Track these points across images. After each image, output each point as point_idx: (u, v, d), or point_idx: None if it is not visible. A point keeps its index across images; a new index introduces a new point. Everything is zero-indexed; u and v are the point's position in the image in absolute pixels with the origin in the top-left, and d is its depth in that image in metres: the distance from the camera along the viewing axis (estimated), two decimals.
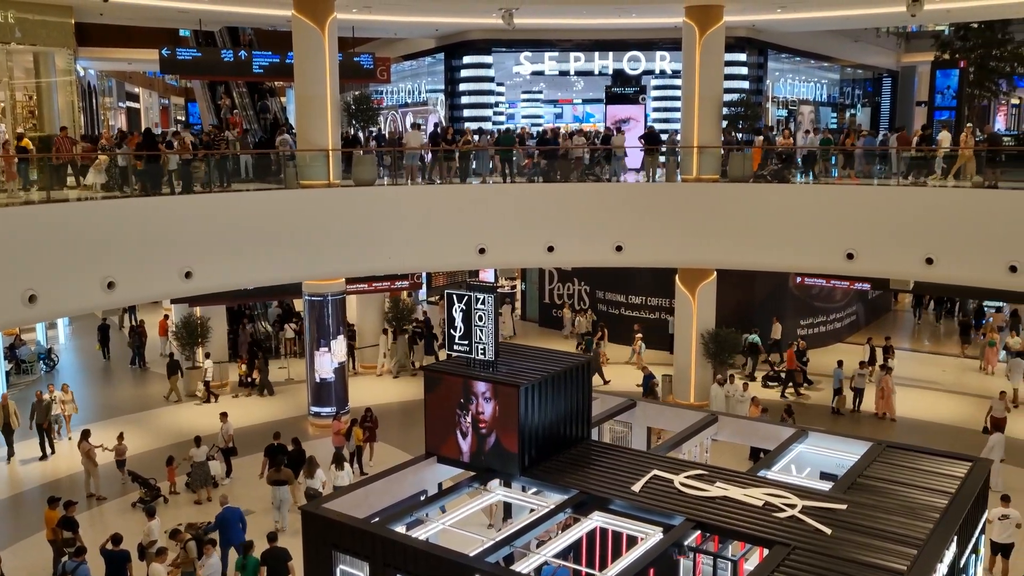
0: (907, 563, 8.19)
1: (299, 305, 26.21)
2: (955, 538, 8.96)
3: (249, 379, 24.83)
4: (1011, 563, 14.11)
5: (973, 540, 9.93)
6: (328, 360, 21.54)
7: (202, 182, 19.87)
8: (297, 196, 19.95)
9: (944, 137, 21.27)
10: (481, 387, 10.50)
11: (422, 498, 10.70)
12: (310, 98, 20.54)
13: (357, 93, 23.24)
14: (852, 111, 44.67)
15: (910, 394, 22.95)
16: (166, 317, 28.41)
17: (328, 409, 21.36)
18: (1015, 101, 51.46)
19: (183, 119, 54.18)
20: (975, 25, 36.46)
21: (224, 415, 19.21)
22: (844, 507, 9.35)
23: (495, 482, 10.82)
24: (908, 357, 27.11)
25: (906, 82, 47.07)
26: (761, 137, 22.73)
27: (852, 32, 38.05)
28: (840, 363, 22.65)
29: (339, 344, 21.83)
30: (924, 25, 40.85)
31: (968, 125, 22.43)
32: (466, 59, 33.97)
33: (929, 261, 18.81)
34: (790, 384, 23.60)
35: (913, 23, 36.73)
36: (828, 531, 8.83)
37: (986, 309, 30.73)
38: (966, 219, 18.63)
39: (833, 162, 22.37)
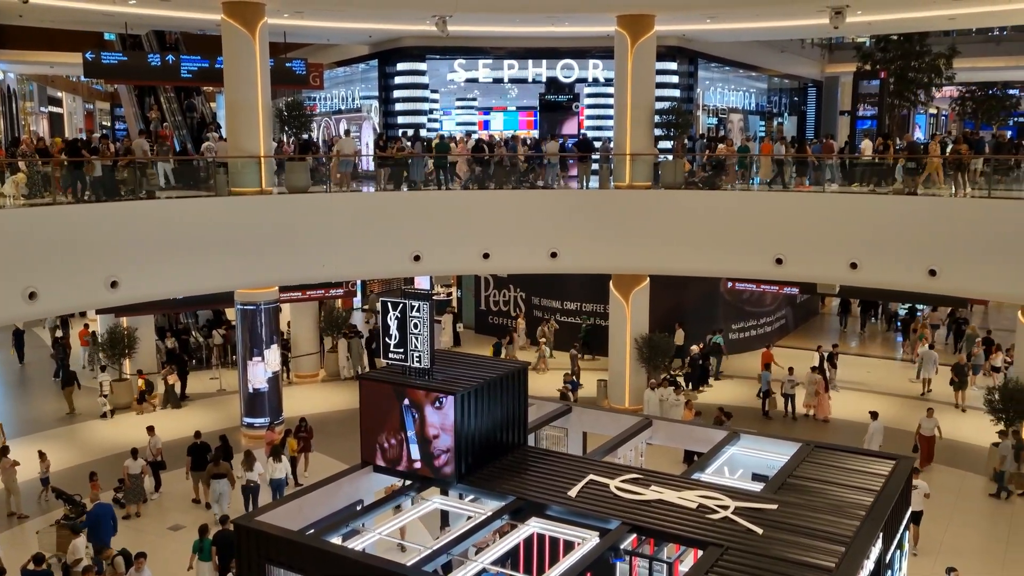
0: (835, 560, 8.40)
1: (231, 313, 25.76)
2: (881, 534, 9.21)
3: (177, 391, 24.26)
4: (921, 529, 15.36)
5: (898, 536, 10.23)
6: (261, 370, 21.20)
7: (129, 189, 19.39)
8: (228, 203, 19.61)
9: (866, 146, 21.95)
10: (417, 395, 10.44)
11: (358, 508, 10.59)
12: (241, 104, 20.23)
13: (289, 99, 22.97)
14: (779, 119, 45.77)
15: (840, 395, 23.58)
16: (86, 327, 27.65)
17: (261, 420, 21.02)
18: (932, 111, 53.37)
19: (108, 124, 52.81)
20: (895, 37, 37.72)
21: (151, 429, 18.74)
22: (775, 507, 9.54)
23: (432, 490, 10.77)
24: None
25: (830, 91, 48.39)
26: (722, 145, 23.20)
27: (779, 43, 39.02)
28: (767, 366, 23.11)
29: (273, 353, 21.50)
30: (847, 37, 42.10)
31: (937, 135, 23.15)
32: (400, 66, 33.83)
33: (854, 266, 19.41)
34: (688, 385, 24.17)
35: (836, 35, 37.80)
36: (760, 531, 9.00)
37: (918, 311, 31.90)
38: (888, 225, 19.26)
39: (754, 170, 22.94)
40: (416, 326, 10.67)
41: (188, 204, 19.46)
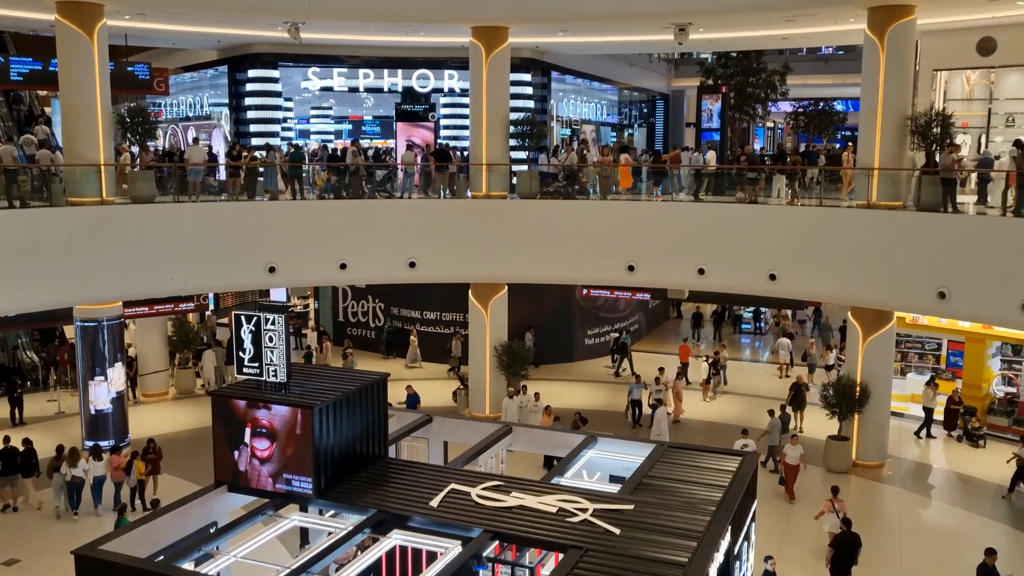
0: (688, 555, 8.74)
1: (70, 331, 24.30)
2: (729, 528, 9.65)
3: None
4: (821, 508, 16.17)
5: (745, 528, 10.75)
6: (105, 389, 20.09)
7: None
8: (64, 214, 18.51)
9: (711, 157, 23.01)
10: (273, 410, 10.18)
11: (212, 530, 10.20)
12: (78, 109, 19.17)
13: (132, 105, 21.90)
14: (630, 131, 47.37)
15: (693, 396, 24.55)
16: None
17: (106, 443, 19.90)
18: (770, 124, 56.53)
19: None
20: (734, 54, 39.77)
21: None
22: (631, 507, 9.84)
23: (291, 507, 10.51)
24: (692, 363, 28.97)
25: (676, 104, 50.47)
26: (625, 155, 23.72)
27: (628, 57, 40.43)
28: (638, 377, 23.46)
29: (117, 372, 20.42)
30: (696, 53, 44.05)
31: (849, 144, 24.29)
32: (251, 72, 32.93)
33: (701, 271, 20.31)
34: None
35: (681, 50, 39.50)
36: (617, 531, 9.26)
37: (762, 313, 33.72)
38: (732, 232, 20.27)
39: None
40: (271, 339, 10.40)
41: (18, 215, 18.18)
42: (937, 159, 18.60)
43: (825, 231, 19.41)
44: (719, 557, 9.19)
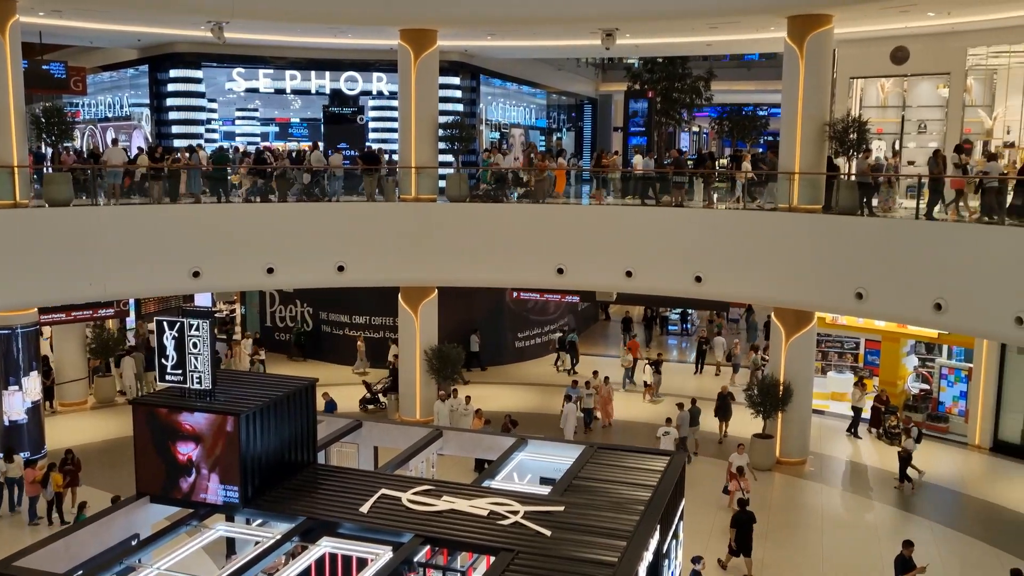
0: (618, 555, 8.85)
1: None
2: (658, 527, 9.81)
3: None
4: (729, 488, 17.31)
5: (674, 527, 10.93)
6: (19, 399, 19.36)
7: None
8: None
9: (638, 161, 23.33)
10: (198, 418, 9.96)
11: (134, 543, 9.93)
12: None
13: (48, 104, 21.14)
14: (559, 135, 47.71)
15: (635, 398, 24.80)
16: None
17: (21, 455, 19.16)
18: (695, 129, 57.62)
19: None
20: (660, 60, 40.41)
21: None
22: (562, 508, 9.91)
23: (216, 517, 10.30)
24: (611, 362, 29.32)
25: (604, 108, 51.02)
26: (562, 159, 23.76)
27: (556, 61, 40.72)
28: (574, 383, 23.15)
29: (32, 381, 19.70)
30: (619, 58, 44.61)
31: (751, 150, 24.72)
32: (173, 72, 32.13)
33: (629, 274, 20.58)
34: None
35: (608, 55, 39.99)
36: (548, 533, 9.32)
37: (689, 315, 34.34)
38: (659, 235, 20.59)
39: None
40: (195, 345, 10.19)
41: None
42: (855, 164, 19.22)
43: (749, 234, 19.87)
44: (648, 556, 9.33)
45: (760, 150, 36.33)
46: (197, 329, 10.20)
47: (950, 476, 20.06)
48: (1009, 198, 16.86)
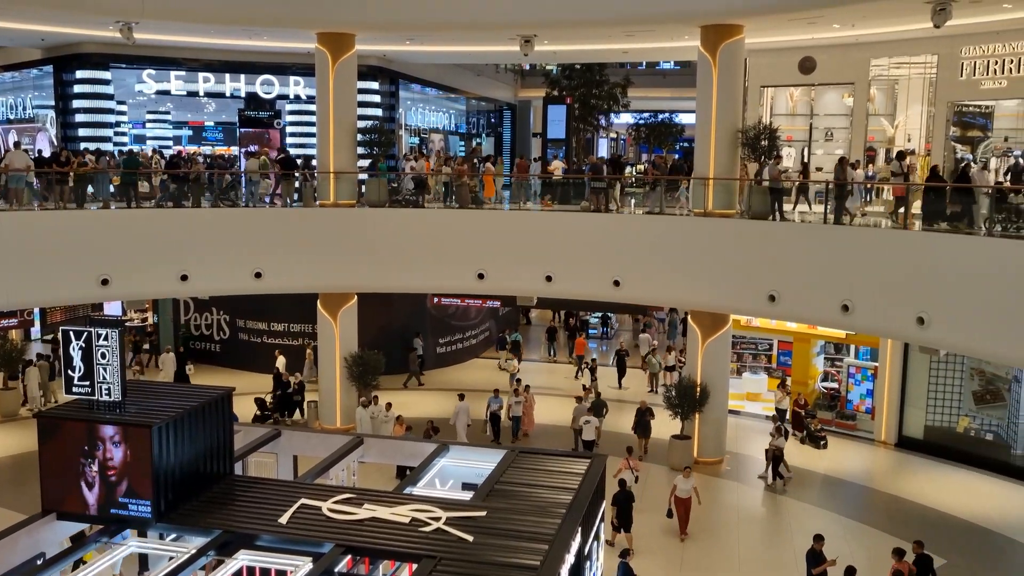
0: (540, 558, 8.90)
1: None
2: (579, 529, 9.90)
3: None
4: (619, 466, 17.38)
5: (595, 528, 11.04)
6: None
7: None
8: None
9: (556, 166, 23.54)
10: (108, 431, 9.65)
11: (39, 562, 9.55)
12: None
13: None
14: (478, 140, 47.82)
15: (546, 402, 24.90)
16: None
17: None
18: (613, 135, 58.46)
19: None
20: (578, 66, 40.93)
21: None
22: (484, 513, 9.92)
23: (128, 532, 9.98)
24: (538, 368, 29.54)
25: (523, 114, 51.37)
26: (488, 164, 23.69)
27: (475, 67, 40.86)
28: (496, 391, 22.73)
29: None
30: (541, 64, 44.97)
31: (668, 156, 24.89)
32: (80, 74, 31.05)
33: (549, 278, 20.73)
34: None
35: (527, 61, 40.27)
36: (470, 538, 9.31)
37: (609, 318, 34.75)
38: (579, 239, 20.79)
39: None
40: (104, 356, 9.86)
41: None
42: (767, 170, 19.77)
43: (665, 238, 20.25)
44: (570, 558, 9.41)
45: (676, 156, 37.09)
46: (106, 339, 9.87)
47: (858, 472, 20.78)
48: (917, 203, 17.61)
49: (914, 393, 22.07)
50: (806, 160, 24.02)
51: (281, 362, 24.89)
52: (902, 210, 17.64)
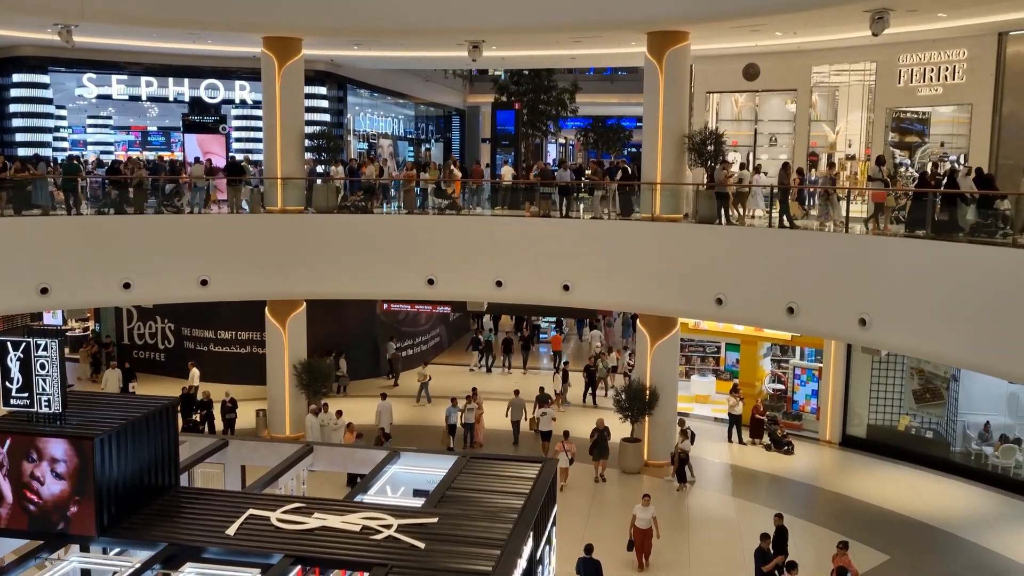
0: (492, 564, 8.89)
1: None
2: (531, 534, 9.91)
3: None
4: (550, 445, 20.07)
5: (547, 533, 11.06)
6: None
7: None
8: None
9: (506, 171, 23.59)
10: (48, 443, 9.40)
11: None
12: None
13: None
14: (427, 145, 47.72)
15: (498, 407, 24.88)
16: None
17: None
18: (561, 140, 58.80)
19: None
20: (526, 72, 41.08)
21: None
22: (435, 520, 9.88)
23: (70, 547, 9.74)
24: (482, 374, 29.51)
25: (472, 120, 51.39)
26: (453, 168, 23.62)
27: (424, 72, 40.77)
28: (453, 400, 22.40)
29: None
30: (486, 70, 45.05)
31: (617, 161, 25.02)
32: (16, 77, 30.26)
33: (499, 283, 20.75)
34: None
35: (475, 67, 40.32)
36: (422, 545, 9.26)
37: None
38: (528, 244, 20.86)
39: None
40: (43, 367, 9.61)
41: None
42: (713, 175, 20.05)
43: (614, 243, 20.39)
44: (522, 563, 9.41)
45: (626, 161, 37.41)
46: (45, 349, 9.63)
47: (804, 471, 21.16)
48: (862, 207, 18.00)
49: (857, 393, 22.56)
50: (757, 164, 24.44)
51: (194, 374, 24.26)
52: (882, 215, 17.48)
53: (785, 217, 18.78)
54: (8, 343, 9.71)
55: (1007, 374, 15.63)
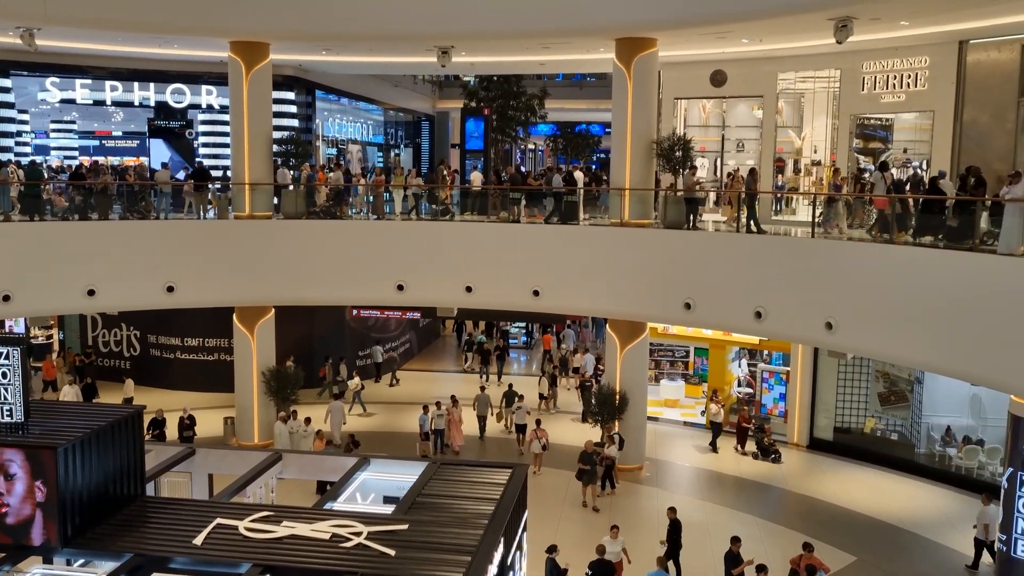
0: (463, 570, 8.87)
1: None
2: (502, 539, 9.90)
3: None
4: (527, 438, 20.83)
5: (517, 538, 11.06)
6: None
7: None
8: None
9: (476, 177, 23.60)
10: (9, 454, 9.24)
11: None
12: None
13: None
14: (396, 151, 47.59)
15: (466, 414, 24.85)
16: None
17: None
18: (531, 146, 58.92)
19: None
20: (496, 78, 41.13)
21: None
22: (406, 527, 9.83)
23: (33, 559, 9.57)
24: (453, 378, 29.47)
25: (441, 125, 51.32)
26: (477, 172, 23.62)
27: (393, 78, 40.66)
28: (425, 408, 22.13)
29: None
30: (455, 75, 45.04)
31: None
32: None
33: (469, 289, 20.74)
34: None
35: (445, 72, 40.28)
36: (392, 552, 9.22)
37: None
38: (498, 250, 20.88)
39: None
40: (6, 375, 9.46)
41: None
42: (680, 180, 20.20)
43: (583, 248, 20.47)
44: (493, 569, 9.40)
45: (594, 167, 37.58)
46: (7, 358, 9.47)
47: (772, 474, 21.33)
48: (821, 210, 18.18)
49: (824, 396, 22.80)
50: (723, 170, 24.68)
51: (129, 385, 23.95)
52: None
53: (753, 222, 18.97)
54: None
55: (967, 376, 15.90)
